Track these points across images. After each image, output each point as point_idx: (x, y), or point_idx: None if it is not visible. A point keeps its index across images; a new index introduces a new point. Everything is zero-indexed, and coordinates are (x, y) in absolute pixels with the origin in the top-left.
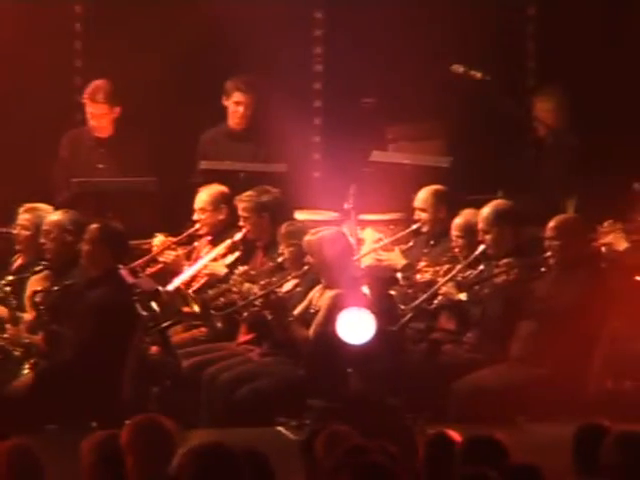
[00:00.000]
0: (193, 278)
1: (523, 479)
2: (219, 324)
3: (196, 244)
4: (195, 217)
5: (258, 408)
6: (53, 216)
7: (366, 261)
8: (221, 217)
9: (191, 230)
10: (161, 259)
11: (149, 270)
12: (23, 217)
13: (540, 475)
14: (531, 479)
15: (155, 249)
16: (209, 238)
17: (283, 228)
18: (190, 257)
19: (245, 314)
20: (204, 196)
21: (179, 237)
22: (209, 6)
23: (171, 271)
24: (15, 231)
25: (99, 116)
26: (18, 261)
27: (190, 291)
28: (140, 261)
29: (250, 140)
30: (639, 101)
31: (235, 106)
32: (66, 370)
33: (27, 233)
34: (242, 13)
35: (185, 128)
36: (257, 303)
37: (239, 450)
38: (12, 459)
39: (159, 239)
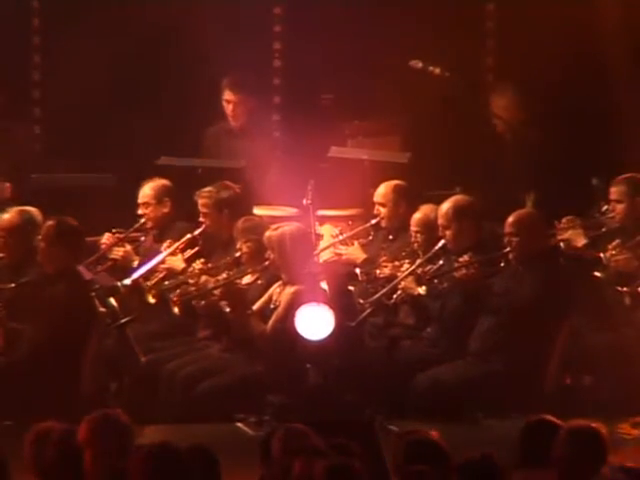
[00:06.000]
0: (151, 272)
1: (478, 471)
2: (176, 309)
3: (142, 239)
4: (139, 211)
5: (217, 404)
6: (8, 214)
7: (325, 256)
8: (165, 210)
9: (137, 225)
10: (111, 256)
11: (100, 268)
12: None
13: (494, 464)
14: (486, 469)
15: (103, 246)
16: (154, 232)
17: (240, 224)
18: (137, 252)
19: (203, 302)
20: (147, 190)
21: (126, 233)
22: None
23: (121, 267)
24: None
25: None
26: None
27: (147, 283)
28: (90, 259)
29: (246, 136)
30: (598, 97)
31: (226, 104)
32: (23, 367)
33: None
34: (201, 9)
35: (142, 124)
36: (216, 292)
37: (187, 448)
38: None
39: (106, 236)
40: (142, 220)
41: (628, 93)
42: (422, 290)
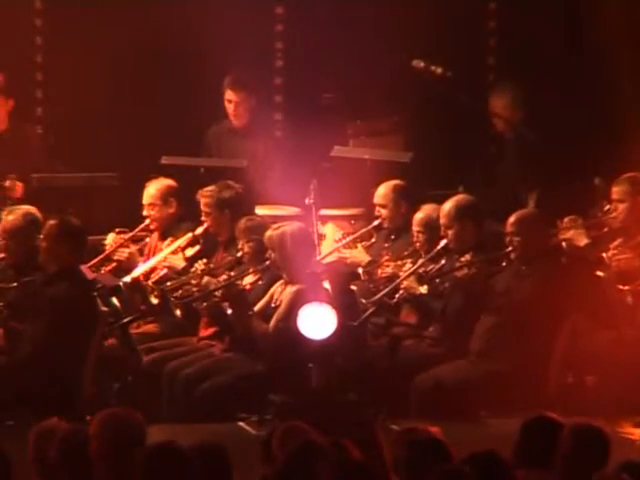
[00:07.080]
0: (152, 270)
1: (485, 466)
2: (178, 312)
3: (148, 239)
4: (145, 212)
5: (219, 403)
6: (10, 215)
7: (329, 260)
8: (170, 211)
9: (142, 226)
10: (115, 257)
11: (104, 269)
12: None
13: (501, 460)
14: (493, 465)
15: (108, 247)
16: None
17: (242, 223)
18: (142, 253)
19: (205, 304)
20: (152, 191)
21: (130, 234)
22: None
23: (126, 268)
24: None
25: None
26: None
27: (149, 282)
28: (94, 261)
29: (248, 136)
30: (599, 96)
31: (227, 104)
32: (25, 366)
33: None
34: (203, 9)
35: (146, 124)
36: (217, 294)
37: (194, 445)
38: None
39: (111, 237)
40: (147, 221)
41: (630, 91)
42: (424, 290)
